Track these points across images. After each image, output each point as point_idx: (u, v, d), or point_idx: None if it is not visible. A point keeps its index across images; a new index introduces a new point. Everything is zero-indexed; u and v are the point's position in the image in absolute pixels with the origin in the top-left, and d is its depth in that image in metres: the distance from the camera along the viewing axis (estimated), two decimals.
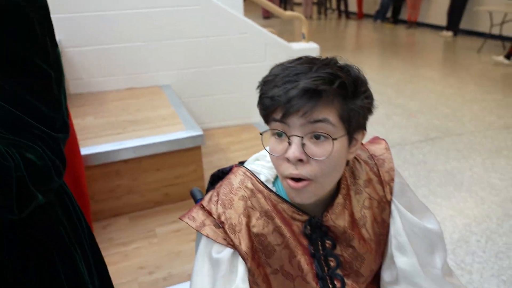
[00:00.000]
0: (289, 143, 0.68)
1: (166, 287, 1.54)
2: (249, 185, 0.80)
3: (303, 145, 0.68)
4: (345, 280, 0.82)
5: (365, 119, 0.73)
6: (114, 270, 1.67)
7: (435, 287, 0.83)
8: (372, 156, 0.85)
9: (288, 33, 9.18)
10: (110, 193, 1.96)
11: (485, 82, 5.06)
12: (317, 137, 0.68)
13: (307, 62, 0.70)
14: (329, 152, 0.68)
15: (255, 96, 0.75)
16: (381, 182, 0.83)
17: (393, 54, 6.91)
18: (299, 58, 0.72)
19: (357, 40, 8.73)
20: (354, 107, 0.69)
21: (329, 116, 0.67)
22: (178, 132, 2.03)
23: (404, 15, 9.72)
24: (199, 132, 2.02)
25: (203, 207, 0.80)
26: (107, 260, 1.73)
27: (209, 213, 0.79)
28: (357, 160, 0.84)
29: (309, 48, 2.95)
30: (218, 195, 0.81)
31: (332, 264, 0.81)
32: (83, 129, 2.13)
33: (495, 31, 6.74)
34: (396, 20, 9.98)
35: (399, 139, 3.52)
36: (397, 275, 0.84)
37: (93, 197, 1.94)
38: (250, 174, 0.82)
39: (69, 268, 0.82)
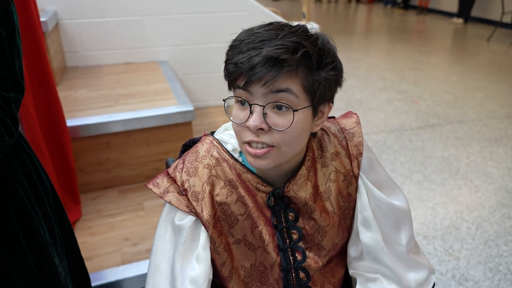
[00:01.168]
0: (251, 112, 0.67)
1: (148, 258, 1.56)
2: (215, 153, 0.80)
3: (264, 114, 0.67)
4: (307, 252, 0.81)
5: (331, 91, 0.71)
6: (99, 240, 1.69)
7: (398, 263, 0.82)
8: (342, 130, 0.84)
9: (296, 15, 9.04)
10: (99, 165, 1.97)
11: (492, 71, 4.97)
12: (279, 107, 0.66)
13: (275, 28, 0.67)
14: (289, 123, 0.66)
15: None
16: (349, 156, 0.82)
17: (401, 40, 6.79)
18: (269, 24, 0.70)
19: (366, 25, 8.58)
20: (319, 78, 0.67)
21: (292, 86, 0.65)
22: (169, 107, 2.02)
23: (415, 0, 9.52)
24: (190, 107, 2.01)
25: (168, 174, 0.80)
26: (93, 230, 1.76)
27: (174, 180, 0.78)
28: (326, 133, 0.83)
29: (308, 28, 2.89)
30: (183, 162, 0.80)
31: (294, 236, 0.80)
32: (75, 101, 2.13)
33: (506, 19, 6.58)
34: (406, 5, 9.78)
35: (399, 124, 3.49)
36: (361, 250, 0.84)
37: (82, 169, 1.95)
38: (217, 143, 0.81)
39: (27, 226, 0.82)
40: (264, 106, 0.66)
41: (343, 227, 0.84)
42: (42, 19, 2.17)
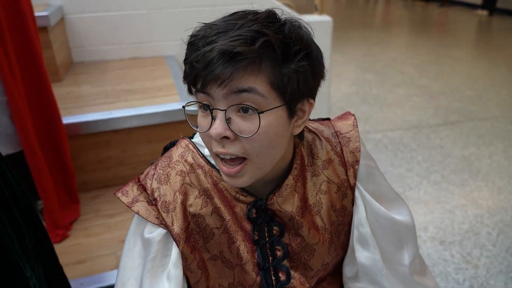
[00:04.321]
0: (213, 118, 0.58)
1: None
2: (189, 159, 0.71)
3: (228, 120, 0.57)
4: (292, 272, 0.71)
5: (308, 85, 0.60)
6: (95, 242, 1.63)
7: (400, 286, 0.72)
8: (336, 133, 0.73)
9: (312, 8, 8.86)
10: (100, 163, 1.91)
11: None
12: (244, 110, 0.57)
13: (236, 18, 0.58)
14: (256, 129, 0.57)
15: None
16: (343, 163, 0.71)
17: (421, 33, 6.56)
18: (234, 13, 0.60)
19: (386, 18, 8.35)
20: (288, 71, 0.56)
21: (256, 84, 0.55)
22: (171, 103, 1.94)
23: None
24: None
25: (138, 181, 0.72)
26: (89, 231, 1.71)
27: (144, 188, 0.70)
28: (318, 137, 0.72)
29: (320, 21, 2.76)
30: (155, 168, 0.72)
31: (278, 253, 0.70)
32: (77, 97, 2.08)
33: None
34: None
35: (417, 121, 3.33)
36: (357, 271, 0.74)
37: (82, 168, 1.90)
38: (193, 147, 0.72)
39: None
40: (225, 110, 0.57)
41: (336, 245, 0.74)
42: (44, 13, 2.12)
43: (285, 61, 0.56)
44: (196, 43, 0.57)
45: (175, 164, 0.71)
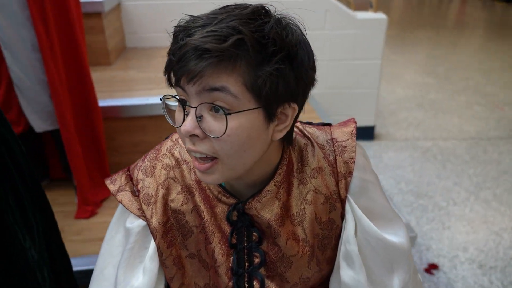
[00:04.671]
0: (186, 114, 0.56)
1: None
2: (176, 153, 0.70)
3: (200, 117, 0.55)
4: (268, 282, 0.68)
5: (289, 89, 0.56)
6: None
7: None
8: (332, 141, 0.68)
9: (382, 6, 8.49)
10: (134, 147, 1.97)
11: None
12: (216, 109, 0.54)
13: (221, 12, 0.55)
14: (225, 129, 0.54)
15: None
16: (335, 174, 0.66)
17: (497, 36, 6.03)
18: (226, 6, 0.57)
19: (459, 18, 7.79)
20: (262, 73, 0.53)
21: (228, 83, 0.52)
22: None
23: None
24: None
25: (127, 171, 0.72)
26: (113, 211, 1.77)
27: (131, 178, 0.71)
28: (311, 143, 0.67)
29: (374, 19, 2.62)
30: (144, 159, 0.72)
31: (256, 260, 0.67)
32: (122, 81, 2.16)
33: None
34: None
35: (475, 132, 3.08)
36: None
37: (117, 149, 1.97)
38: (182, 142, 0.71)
39: None
40: (196, 108, 0.54)
41: (319, 259, 0.69)
42: None
43: (260, 62, 0.53)
44: (177, 35, 0.55)
45: (162, 157, 0.70)
